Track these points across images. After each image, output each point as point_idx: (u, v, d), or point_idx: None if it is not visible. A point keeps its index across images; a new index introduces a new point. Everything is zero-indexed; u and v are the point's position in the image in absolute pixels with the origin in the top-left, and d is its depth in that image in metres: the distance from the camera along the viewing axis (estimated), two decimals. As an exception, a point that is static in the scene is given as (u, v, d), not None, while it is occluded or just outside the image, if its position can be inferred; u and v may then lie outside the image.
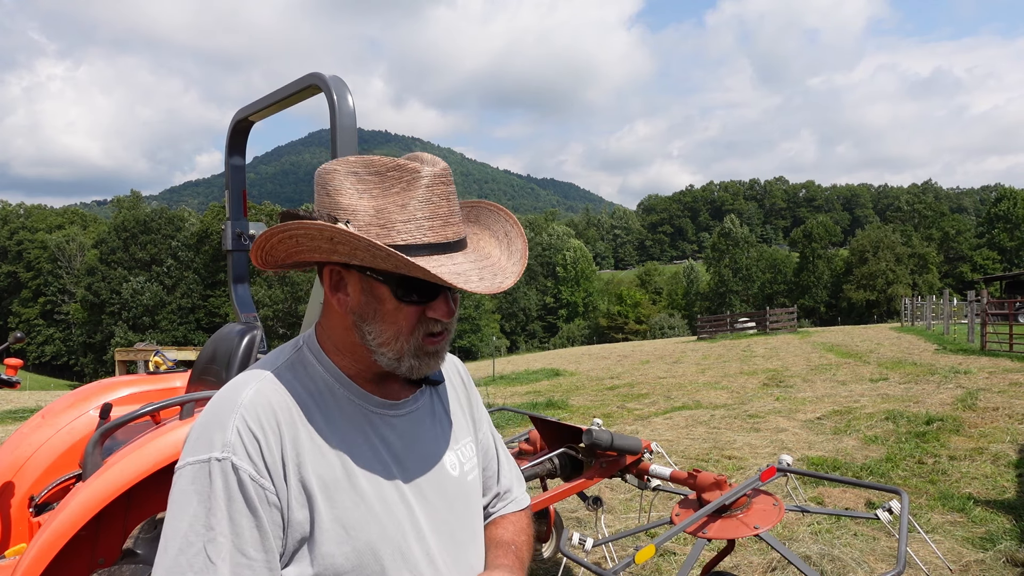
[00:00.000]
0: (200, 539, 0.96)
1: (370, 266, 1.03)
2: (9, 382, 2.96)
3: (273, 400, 1.04)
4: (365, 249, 0.98)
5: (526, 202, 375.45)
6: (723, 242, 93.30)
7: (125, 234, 74.83)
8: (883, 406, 9.37)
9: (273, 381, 1.07)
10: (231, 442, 0.99)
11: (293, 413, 1.05)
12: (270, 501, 0.99)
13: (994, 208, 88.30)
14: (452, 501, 1.18)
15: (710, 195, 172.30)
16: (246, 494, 0.98)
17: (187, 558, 0.95)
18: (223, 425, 1.00)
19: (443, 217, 1.04)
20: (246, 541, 0.97)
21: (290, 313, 67.16)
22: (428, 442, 1.18)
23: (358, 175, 1.03)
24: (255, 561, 0.97)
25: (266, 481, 0.99)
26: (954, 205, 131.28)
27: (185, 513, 0.97)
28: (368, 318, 1.07)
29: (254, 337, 2.84)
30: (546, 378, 18.98)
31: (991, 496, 5.34)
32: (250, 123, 3.34)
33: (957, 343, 19.02)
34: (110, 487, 2.11)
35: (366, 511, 1.05)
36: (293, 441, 1.03)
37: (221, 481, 0.97)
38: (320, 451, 1.04)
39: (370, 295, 1.06)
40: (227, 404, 1.03)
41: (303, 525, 1.02)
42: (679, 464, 6.46)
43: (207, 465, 0.98)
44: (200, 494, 0.97)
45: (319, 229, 0.98)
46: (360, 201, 1.02)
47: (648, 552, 2.19)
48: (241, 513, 0.97)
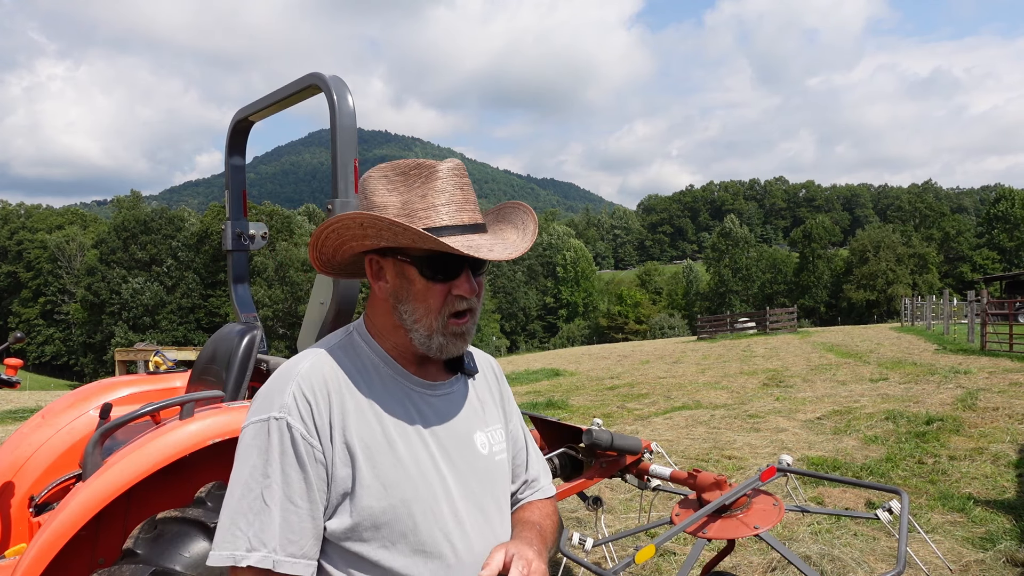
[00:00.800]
0: (259, 485, 1.13)
1: (398, 247, 1.19)
2: (9, 382, 2.96)
3: (326, 372, 1.21)
4: (388, 228, 1.14)
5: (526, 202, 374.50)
6: (723, 242, 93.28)
7: (125, 234, 74.80)
8: (883, 406, 9.37)
9: (327, 357, 1.24)
10: (287, 405, 1.16)
11: (342, 384, 1.21)
12: (317, 458, 1.15)
13: (993, 208, 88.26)
14: (480, 475, 1.31)
15: (710, 195, 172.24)
16: (297, 450, 1.14)
17: (247, 501, 1.13)
18: (282, 391, 1.17)
19: (458, 203, 1.20)
20: (295, 491, 1.14)
21: (290, 313, 67.13)
22: (460, 421, 1.32)
23: (387, 177, 1.22)
24: (300, 508, 1.14)
25: (315, 440, 1.15)
26: (954, 205, 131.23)
27: (246, 463, 1.15)
28: (403, 298, 1.23)
29: (254, 337, 2.85)
30: (546, 378, 18.98)
31: (991, 496, 5.34)
32: (250, 123, 3.34)
33: (957, 343, 19.02)
34: (110, 487, 2.11)
35: (403, 472, 1.20)
36: (340, 408, 1.18)
37: (277, 437, 1.14)
38: (364, 418, 1.20)
39: (403, 277, 1.22)
40: (287, 374, 1.21)
41: (345, 481, 1.17)
42: (679, 464, 6.46)
43: (266, 423, 1.15)
44: (259, 448, 1.15)
45: (351, 217, 1.16)
46: (389, 197, 1.20)
47: (648, 552, 2.18)
48: (292, 466, 1.14)
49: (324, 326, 2.71)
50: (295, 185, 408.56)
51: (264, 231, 3.44)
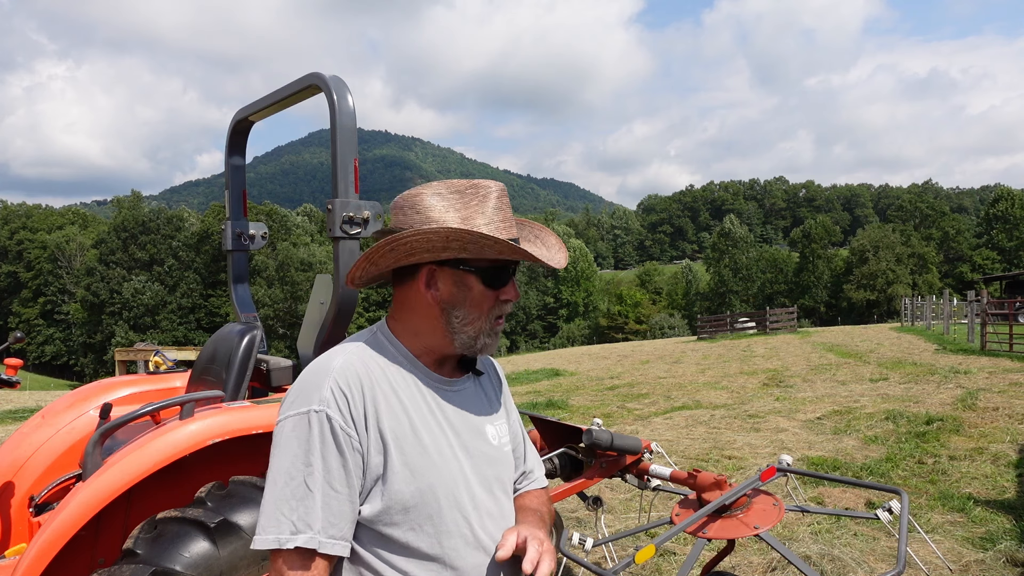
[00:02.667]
0: (301, 473, 1.22)
1: (473, 256, 1.31)
2: (9, 382, 2.96)
3: (358, 368, 1.31)
4: (476, 240, 1.26)
5: (526, 202, 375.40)
6: (723, 242, 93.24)
7: (125, 234, 74.80)
8: (883, 406, 9.37)
9: (357, 354, 1.34)
10: (326, 398, 1.25)
11: (373, 379, 1.31)
12: (354, 447, 1.25)
13: (993, 208, 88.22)
14: (492, 463, 1.43)
15: (710, 195, 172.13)
16: (337, 440, 1.24)
17: (291, 488, 1.21)
18: (319, 386, 1.27)
19: (508, 221, 1.36)
20: (335, 477, 1.23)
21: (290, 313, 67.13)
22: (473, 415, 1.45)
23: (442, 195, 1.32)
24: (340, 494, 1.24)
25: (351, 430, 1.25)
26: (954, 205, 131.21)
27: (288, 453, 1.24)
28: (458, 304, 1.35)
29: (254, 337, 2.85)
30: (546, 378, 18.98)
31: (991, 496, 5.34)
32: (250, 123, 3.34)
33: (957, 343, 19.02)
34: (110, 487, 2.11)
35: (428, 460, 1.31)
36: (373, 401, 1.28)
37: (318, 428, 1.23)
38: (392, 410, 1.30)
39: (461, 285, 1.34)
40: (322, 370, 1.30)
41: (378, 468, 1.27)
42: (679, 464, 6.46)
43: (307, 416, 1.24)
44: (300, 438, 1.23)
45: (435, 232, 1.26)
46: (447, 214, 1.31)
47: (648, 552, 2.18)
48: (332, 455, 1.23)
49: (324, 326, 2.71)
50: (295, 185, 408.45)
51: (264, 231, 3.44)
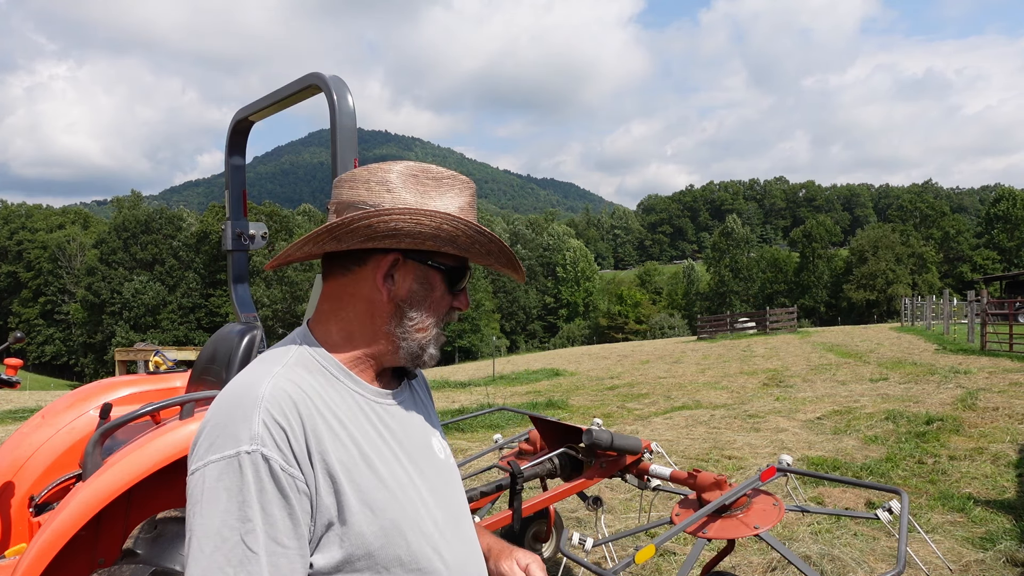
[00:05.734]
0: (235, 533, 0.98)
1: (453, 252, 1.16)
2: (9, 382, 2.96)
3: (290, 392, 1.07)
4: (471, 235, 1.14)
5: (526, 202, 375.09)
6: (724, 242, 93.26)
7: (125, 234, 74.82)
8: (883, 406, 9.37)
9: (284, 375, 1.10)
10: (259, 435, 1.01)
11: (309, 404, 1.08)
12: (300, 489, 1.03)
13: (993, 208, 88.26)
14: (445, 480, 1.27)
15: (710, 195, 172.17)
16: (278, 484, 1.01)
17: (223, 554, 0.97)
18: (247, 419, 1.02)
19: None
20: (279, 530, 1.00)
21: (290, 313, 67.15)
22: (418, 428, 1.27)
23: (417, 177, 1.16)
24: (289, 549, 1.01)
25: (295, 470, 1.03)
26: (954, 205, 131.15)
27: (215, 510, 0.99)
28: (416, 305, 1.18)
29: (254, 337, 2.84)
30: (546, 378, 18.98)
31: (991, 496, 5.35)
32: (250, 123, 3.34)
33: (957, 343, 19.02)
34: (110, 487, 2.11)
35: (386, 492, 1.12)
36: (313, 430, 1.07)
37: (252, 473, 1.00)
38: (337, 438, 1.09)
39: (424, 283, 1.18)
40: (247, 399, 1.05)
41: (330, 509, 1.06)
42: (679, 464, 6.46)
43: (236, 459, 1.00)
44: (230, 489, 0.99)
45: (430, 215, 1.11)
46: (422, 199, 1.15)
47: (648, 552, 2.19)
48: (273, 503, 1.00)
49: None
50: (295, 185, 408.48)
51: (264, 231, 3.44)
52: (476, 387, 17.26)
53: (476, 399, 13.90)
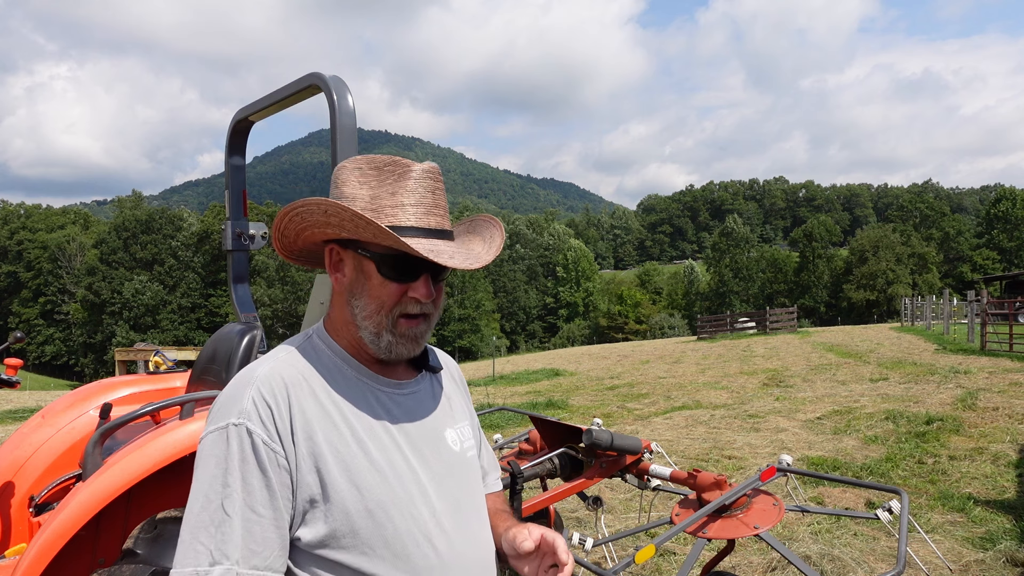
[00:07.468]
0: (218, 496, 1.08)
1: (360, 239, 1.19)
2: (9, 382, 2.95)
3: (285, 374, 1.17)
4: (351, 220, 1.13)
5: (526, 202, 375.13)
6: (724, 242, 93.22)
7: (125, 234, 74.82)
8: (883, 406, 9.37)
9: (285, 360, 1.21)
10: (246, 410, 1.11)
11: (303, 387, 1.17)
12: (279, 464, 1.11)
13: (993, 208, 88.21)
14: (455, 472, 1.29)
15: (710, 195, 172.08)
16: (258, 456, 1.10)
17: (208, 513, 1.07)
18: (240, 396, 1.13)
19: (427, 206, 1.20)
20: (256, 499, 1.09)
21: (290, 313, 67.14)
22: (430, 419, 1.30)
23: (361, 169, 1.21)
24: (263, 518, 1.09)
25: (276, 445, 1.11)
26: (954, 205, 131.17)
27: (205, 474, 1.10)
28: (357, 293, 1.22)
29: (254, 337, 2.84)
30: (546, 378, 18.98)
31: (991, 496, 5.35)
32: (250, 123, 3.34)
33: (957, 343, 19.02)
34: (110, 487, 2.11)
35: (376, 475, 1.16)
36: (302, 411, 1.14)
37: (236, 444, 1.10)
38: (331, 420, 1.16)
39: (360, 271, 1.21)
40: (244, 379, 1.17)
41: (313, 487, 1.13)
42: (679, 464, 6.46)
43: (224, 431, 1.11)
44: (217, 457, 1.10)
45: (316, 203, 1.16)
46: (360, 190, 1.20)
47: (648, 552, 2.19)
48: (253, 473, 1.09)
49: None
50: (295, 185, 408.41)
51: (264, 231, 3.44)
52: (476, 387, 17.27)
53: (476, 399, 13.91)
